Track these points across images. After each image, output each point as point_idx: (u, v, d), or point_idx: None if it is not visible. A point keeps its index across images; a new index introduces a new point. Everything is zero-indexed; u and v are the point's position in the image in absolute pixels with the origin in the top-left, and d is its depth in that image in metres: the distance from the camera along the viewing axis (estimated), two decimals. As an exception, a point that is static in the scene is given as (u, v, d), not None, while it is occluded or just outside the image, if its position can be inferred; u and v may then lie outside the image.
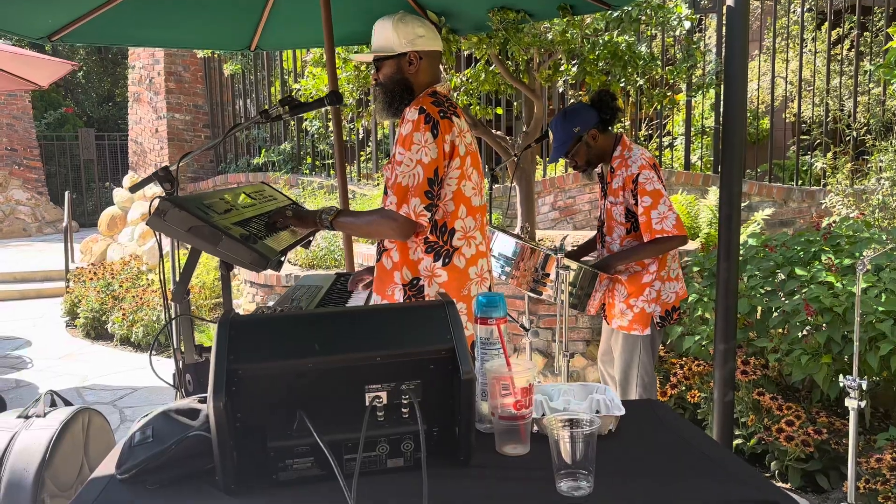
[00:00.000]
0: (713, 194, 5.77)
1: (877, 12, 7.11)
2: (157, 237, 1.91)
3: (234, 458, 1.27)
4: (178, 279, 2.02)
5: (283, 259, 1.95)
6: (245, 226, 2.04)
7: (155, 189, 2.51)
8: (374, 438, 1.32)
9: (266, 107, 4.96)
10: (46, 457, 2.32)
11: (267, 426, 1.30)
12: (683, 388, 3.88)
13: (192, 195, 2.05)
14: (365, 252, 5.43)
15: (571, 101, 7.47)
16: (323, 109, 6.11)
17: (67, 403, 2.69)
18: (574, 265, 3.00)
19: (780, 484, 3.38)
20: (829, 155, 6.39)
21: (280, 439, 1.29)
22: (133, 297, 6.56)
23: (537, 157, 5.43)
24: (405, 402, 1.34)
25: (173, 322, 2.10)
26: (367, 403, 1.33)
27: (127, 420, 4.49)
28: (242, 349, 1.29)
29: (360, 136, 8.13)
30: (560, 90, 7.24)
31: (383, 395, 1.34)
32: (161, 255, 1.96)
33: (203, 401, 1.49)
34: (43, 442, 2.34)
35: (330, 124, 6.84)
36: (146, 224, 1.82)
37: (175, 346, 2.13)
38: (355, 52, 4.58)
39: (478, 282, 2.31)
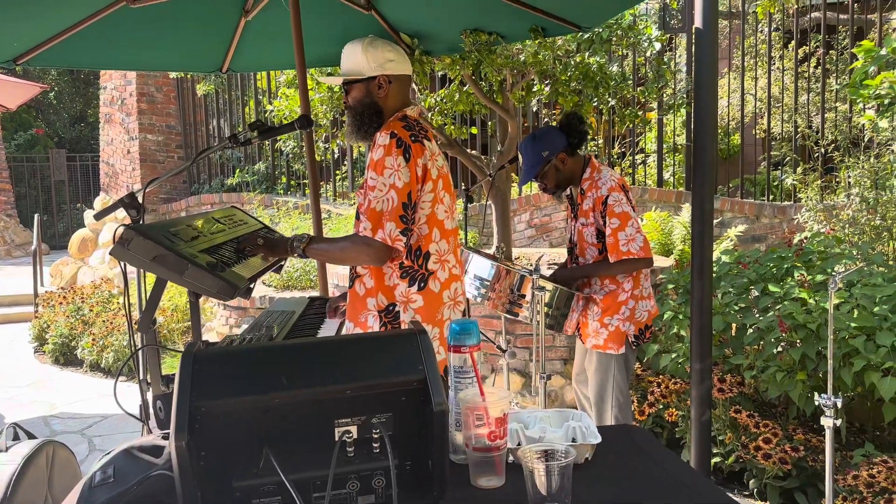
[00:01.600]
0: (686, 211, 5.82)
1: (841, 31, 7.26)
2: (122, 266, 1.86)
3: (199, 499, 1.23)
4: (144, 307, 1.97)
5: (251, 286, 1.90)
6: (214, 253, 2.00)
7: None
8: (344, 475, 1.28)
9: (239, 129, 4.91)
10: (8, 493, 2.24)
11: (232, 465, 1.25)
12: (661, 406, 3.88)
13: (159, 223, 2.01)
14: (341, 273, 5.38)
15: (546, 120, 7.52)
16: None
17: (31, 436, 2.61)
18: (550, 286, 2.99)
19: (758, 502, 3.37)
20: (799, 171, 6.48)
21: (245, 478, 1.24)
22: (103, 321, 6.44)
23: (513, 175, 5.45)
24: (376, 436, 1.30)
25: (139, 352, 2.05)
26: (337, 438, 1.29)
27: (96, 449, 4.37)
28: (206, 384, 1.25)
29: (336, 156, 8.10)
30: (534, 109, 7.28)
31: (353, 429, 1.30)
32: (126, 284, 1.91)
33: (167, 437, 1.44)
34: (4, 478, 2.26)
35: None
36: (109, 254, 1.77)
37: (141, 378, 2.07)
38: (328, 74, 4.57)
39: (451, 305, 2.29)
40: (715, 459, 3.53)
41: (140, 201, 2.01)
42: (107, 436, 4.58)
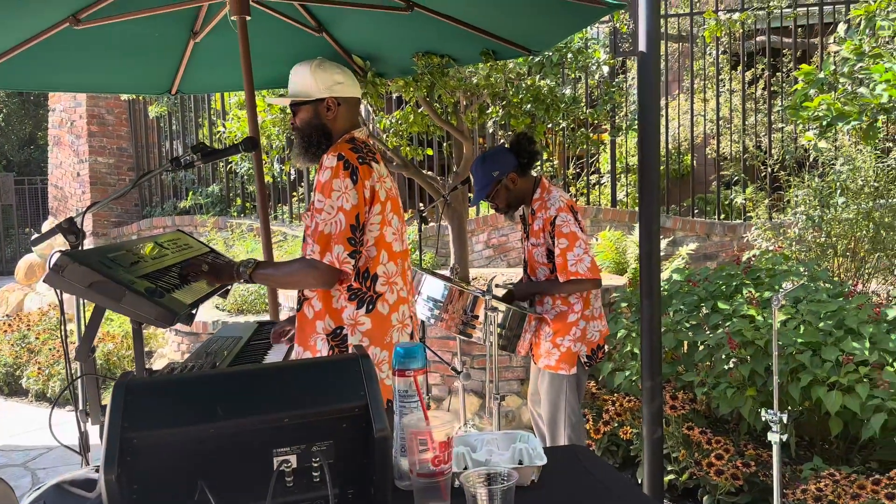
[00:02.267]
0: (638, 231, 5.90)
1: (786, 54, 7.49)
2: (58, 294, 1.81)
3: (130, 535, 1.18)
4: (82, 336, 1.91)
5: (194, 312, 1.86)
6: (157, 278, 1.95)
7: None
8: (283, 505, 1.25)
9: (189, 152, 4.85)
10: (-61, 532, 2.14)
11: (165, 498, 1.21)
12: (616, 424, 3.90)
13: (97, 248, 1.96)
14: (295, 296, 5.32)
15: (501, 140, 7.58)
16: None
17: (-34, 472, 2.50)
18: (502, 306, 2.99)
19: (712, 518, 3.40)
20: (749, 190, 6.64)
21: (180, 512, 1.20)
22: (50, 349, 6.25)
23: (469, 196, 5.47)
24: (316, 464, 1.27)
25: (79, 381, 1.99)
26: (275, 468, 1.26)
27: (40, 483, 4.21)
28: (138, 415, 1.21)
29: (293, 177, 8.04)
30: (490, 131, 7.34)
31: (292, 458, 1.27)
32: (63, 312, 1.85)
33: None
34: (-66, 516, 2.16)
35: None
36: (43, 281, 1.72)
37: (80, 408, 2.01)
38: (280, 96, 4.54)
39: (399, 328, 2.27)
40: (669, 477, 3.56)
41: (79, 226, 1.96)
42: (52, 468, 4.43)
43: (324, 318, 2.22)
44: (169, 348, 5.92)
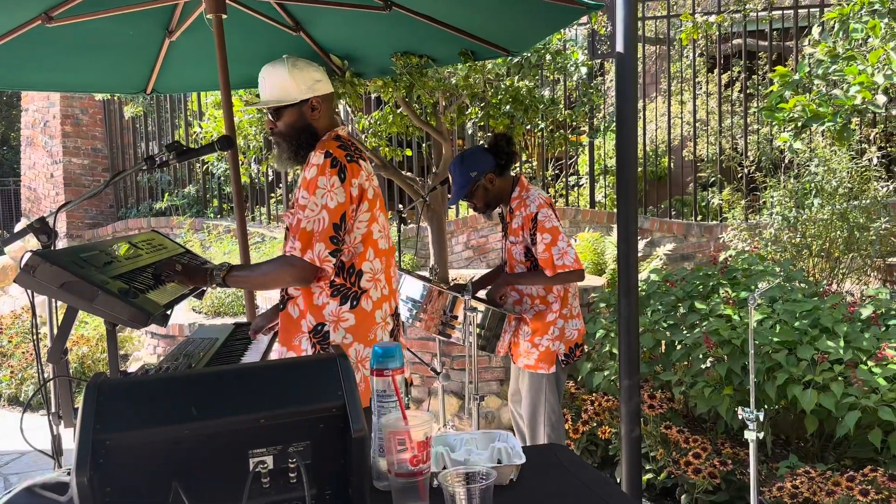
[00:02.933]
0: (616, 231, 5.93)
1: (762, 57, 7.58)
2: (30, 295, 1.77)
3: (102, 538, 1.16)
4: (54, 337, 1.88)
5: (168, 313, 1.84)
6: (131, 278, 1.93)
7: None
8: (259, 507, 1.23)
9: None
10: None
11: (139, 501, 1.19)
12: (595, 424, 3.91)
13: (70, 248, 1.93)
14: (273, 296, 5.28)
15: (481, 141, 7.59)
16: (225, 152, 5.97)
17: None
18: (482, 307, 2.99)
19: (690, 517, 3.42)
20: (726, 191, 6.70)
21: (154, 514, 1.18)
22: (23, 353, 6.14)
23: (449, 196, 5.46)
24: (293, 465, 1.26)
25: (51, 383, 1.95)
26: (251, 469, 1.24)
27: (12, 488, 4.14)
28: (111, 417, 1.19)
29: (270, 179, 7.98)
30: (469, 131, 7.35)
31: (269, 459, 1.26)
32: (34, 313, 1.82)
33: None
34: None
35: (236, 167, 6.68)
36: (14, 281, 1.68)
37: (53, 411, 1.97)
38: (257, 96, 4.51)
39: (382, 326, 2.26)
40: (647, 476, 3.58)
41: (51, 226, 1.93)
42: (25, 473, 4.35)
43: (305, 315, 2.20)
44: (145, 351, 5.85)
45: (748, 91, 7.04)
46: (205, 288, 2.31)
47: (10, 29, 3.13)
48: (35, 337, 1.86)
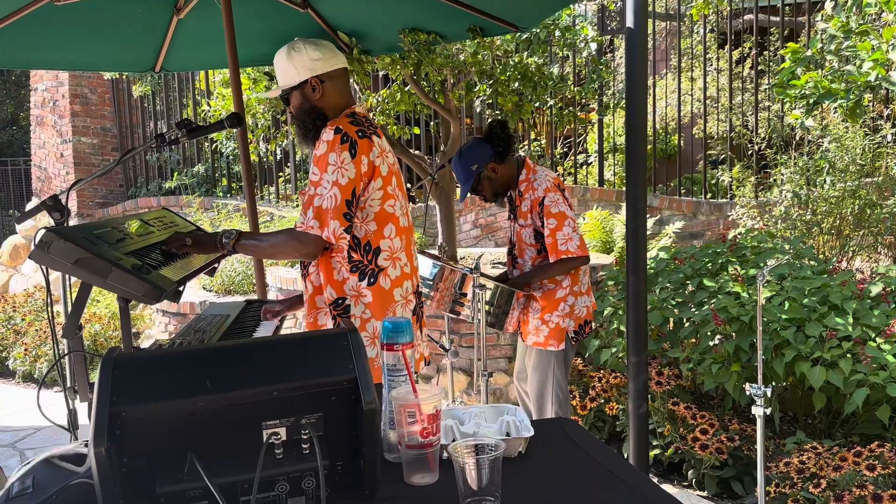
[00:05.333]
0: (625, 209, 5.92)
1: (774, 33, 7.50)
2: (45, 271, 1.79)
3: (121, 507, 1.19)
4: (69, 313, 1.90)
5: (181, 289, 1.86)
6: (143, 255, 1.94)
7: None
8: (273, 477, 1.26)
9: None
10: (-73, 511, 2.14)
11: (155, 471, 1.21)
12: (602, 401, 3.93)
13: (83, 224, 1.94)
14: (284, 276, 5.31)
15: (489, 119, 7.56)
16: (234, 130, 5.98)
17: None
18: (490, 284, 3.00)
19: (697, 492, 3.45)
20: (736, 169, 6.66)
21: (170, 484, 1.21)
22: (36, 330, 6.22)
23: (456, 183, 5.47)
24: (305, 437, 1.28)
25: (66, 359, 1.98)
26: (264, 440, 1.26)
27: (31, 460, 4.21)
28: (126, 389, 1.21)
29: (279, 157, 7.99)
30: (478, 109, 7.32)
31: (282, 430, 1.28)
32: (49, 289, 1.84)
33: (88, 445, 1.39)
34: (-78, 495, 2.16)
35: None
36: (29, 257, 1.71)
37: (68, 386, 2.00)
38: (266, 74, 4.50)
39: (402, 304, 2.27)
40: (655, 451, 3.61)
41: (64, 203, 1.95)
42: (40, 448, 4.42)
43: (324, 290, 2.21)
44: (156, 329, 5.91)
45: (759, 67, 6.97)
46: (216, 266, 2.33)
47: (19, 7, 3.13)
48: (50, 313, 1.89)
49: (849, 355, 3.19)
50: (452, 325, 4.44)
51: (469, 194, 3.18)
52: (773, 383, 3.50)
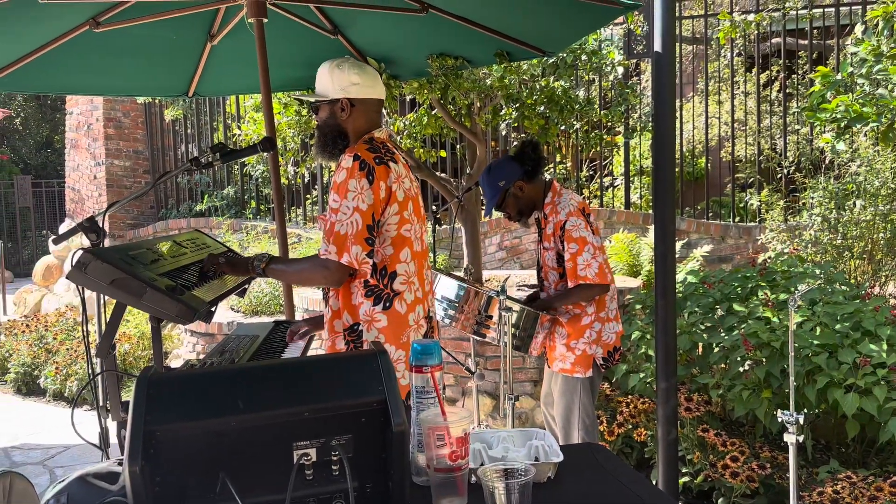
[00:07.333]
0: (653, 232, 5.88)
1: (802, 56, 7.46)
2: (80, 291, 1.83)
3: (153, 526, 1.20)
4: (103, 333, 1.94)
5: (213, 310, 1.89)
6: (176, 276, 1.98)
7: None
8: (303, 498, 1.26)
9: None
10: (-39, 526, 2.18)
11: (188, 490, 1.23)
12: (630, 426, 3.89)
13: (119, 246, 1.99)
14: (311, 297, 5.35)
15: (514, 142, 7.59)
16: (265, 154, 6.07)
17: (-12, 468, 2.54)
18: (516, 307, 3.00)
19: (727, 521, 3.38)
20: (764, 192, 6.60)
21: (202, 503, 1.22)
22: (67, 349, 6.31)
23: (482, 198, 5.48)
24: (335, 458, 1.29)
25: (98, 378, 2.01)
26: (295, 461, 1.27)
27: (65, 477, 4.26)
28: (161, 409, 1.23)
29: (307, 180, 8.08)
30: (503, 132, 7.35)
31: (312, 451, 1.28)
32: (84, 309, 1.88)
33: (122, 463, 1.41)
34: (-43, 511, 2.19)
35: (273, 169, 6.77)
36: (66, 277, 1.74)
37: (101, 404, 2.03)
38: (297, 100, 4.57)
39: (415, 328, 2.28)
40: (684, 479, 3.55)
41: (100, 225, 1.99)
42: (69, 466, 4.47)
43: (342, 315, 2.23)
44: (184, 349, 5.97)
45: (787, 91, 6.93)
46: (246, 287, 2.37)
47: (60, 34, 3.23)
48: (84, 332, 1.92)
49: (883, 382, 3.13)
50: (477, 348, 4.43)
51: (494, 213, 3.19)
52: (806, 410, 3.44)
